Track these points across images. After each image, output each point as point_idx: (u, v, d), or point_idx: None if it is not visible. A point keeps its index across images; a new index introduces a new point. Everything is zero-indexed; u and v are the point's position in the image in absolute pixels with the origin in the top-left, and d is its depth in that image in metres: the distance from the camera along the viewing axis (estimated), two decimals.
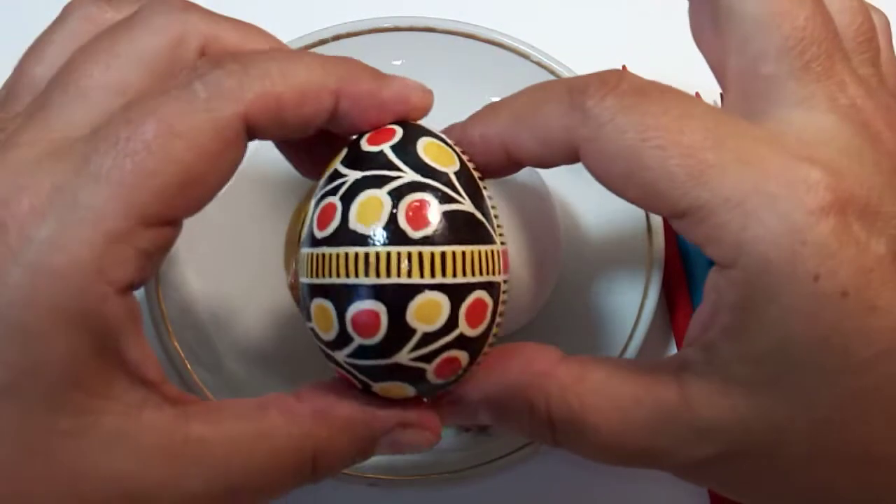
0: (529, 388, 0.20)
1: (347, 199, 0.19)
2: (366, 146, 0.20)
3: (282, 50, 0.19)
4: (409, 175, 0.19)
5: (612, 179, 0.19)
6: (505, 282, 0.20)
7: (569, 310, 0.31)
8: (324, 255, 0.19)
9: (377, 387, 0.20)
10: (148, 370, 0.18)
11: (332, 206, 0.19)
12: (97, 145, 0.17)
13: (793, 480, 0.19)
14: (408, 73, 0.32)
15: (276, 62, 0.19)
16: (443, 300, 0.19)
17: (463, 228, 0.19)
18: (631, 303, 0.29)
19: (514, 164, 0.21)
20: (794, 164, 0.18)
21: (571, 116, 0.19)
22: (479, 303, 0.19)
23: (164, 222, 0.18)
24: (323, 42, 0.31)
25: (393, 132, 0.20)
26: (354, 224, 0.19)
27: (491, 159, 0.21)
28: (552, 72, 0.31)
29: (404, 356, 0.19)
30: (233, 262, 0.31)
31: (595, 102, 0.19)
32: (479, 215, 0.20)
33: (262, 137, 0.19)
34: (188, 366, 0.28)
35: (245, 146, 0.19)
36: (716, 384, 0.18)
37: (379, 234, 0.19)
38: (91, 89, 0.19)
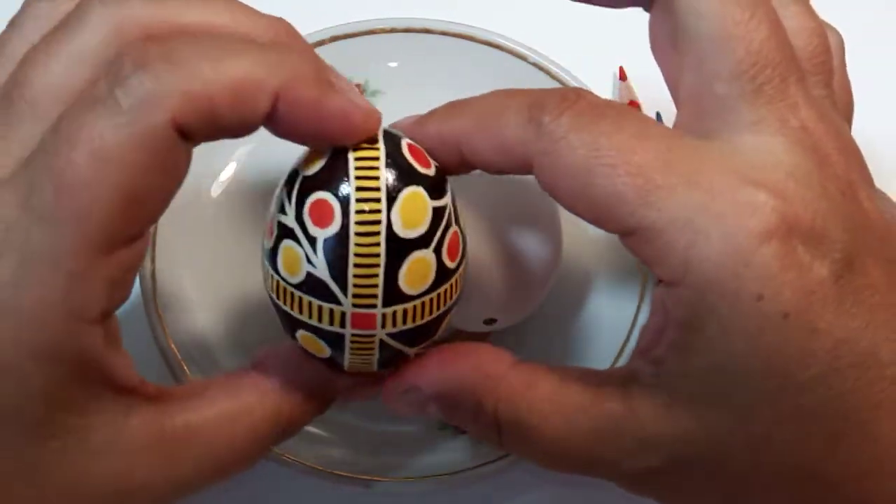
0: (479, 389, 0.21)
1: (461, 227, 0.21)
2: (423, 169, 0.20)
3: (218, 43, 0.18)
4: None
5: (563, 195, 0.19)
6: None
7: (565, 311, 0.31)
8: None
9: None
10: (127, 378, 0.19)
11: (456, 235, 0.21)
12: (35, 178, 0.17)
13: (733, 495, 0.19)
14: (404, 74, 0.32)
15: (210, 59, 0.17)
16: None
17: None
18: (627, 308, 0.29)
19: (466, 166, 0.21)
20: (742, 186, 0.18)
21: (527, 130, 0.19)
22: None
23: (120, 246, 0.17)
24: (321, 44, 0.31)
25: (420, 151, 0.21)
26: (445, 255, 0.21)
27: (445, 158, 0.21)
28: (550, 73, 0.31)
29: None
30: (230, 265, 0.31)
31: (551, 119, 0.19)
32: None
33: (200, 140, 0.18)
34: (185, 368, 0.28)
35: (186, 149, 0.18)
36: (662, 398, 0.19)
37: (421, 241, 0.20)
38: (37, 98, 0.18)
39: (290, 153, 0.21)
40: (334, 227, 0.19)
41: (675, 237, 0.18)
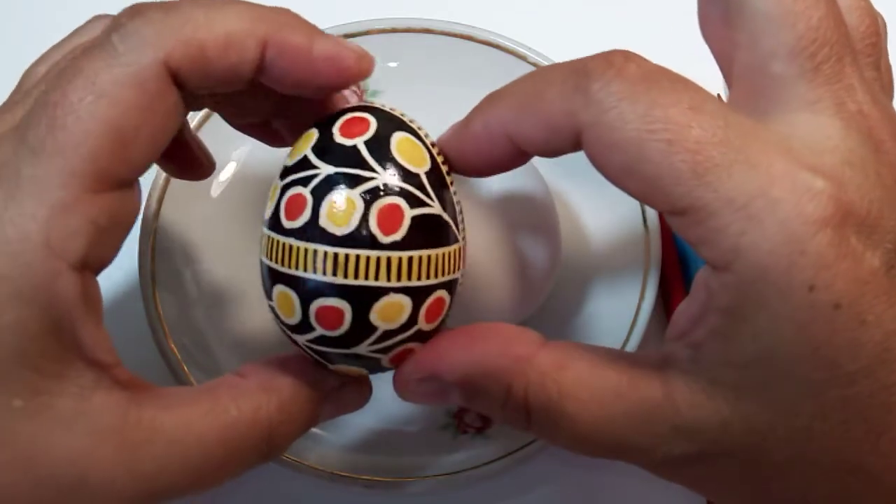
0: (508, 373, 0.20)
1: (319, 195, 0.19)
2: (339, 137, 0.20)
3: None
4: (382, 177, 0.19)
5: (612, 170, 0.18)
6: (462, 275, 0.21)
7: (566, 310, 0.31)
8: (290, 247, 0.19)
9: (333, 367, 0.21)
10: (101, 352, 0.18)
11: (301, 198, 0.19)
12: (32, 117, 0.18)
13: (769, 486, 0.19)
14: (404, 74, 0.32)
15: (202, 7, 0.18)
16: (406, 302, 0.20)
17: (430, 232, 0.20)
18: (628, 304, 0.29)
19: (520, 155, 0.20)
20: (800, 171, 0.17)
21: (574, 100, 0.18)
22: (439, 301, 0.20)
23: (107, 187, 0.18)
24: None
25: (367, 123, 0.20)
26: (325, 222, 0.19)
27: (496, 151, 0.20)
28: None
29: (363, 348, 0.20)
30: (229, 264, 0.31)
31: (600, 86, 0.18)
32: (445, 217, 0.20)
33: (191, 88, 0.19)
34: (185, 368, 0.28)
35: (177, 97, 0.19)
36: (700, 384, 0.18)
37: (348, 237, 0.19)
38: None
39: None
40: None
41: (728, 220, 0.17)
